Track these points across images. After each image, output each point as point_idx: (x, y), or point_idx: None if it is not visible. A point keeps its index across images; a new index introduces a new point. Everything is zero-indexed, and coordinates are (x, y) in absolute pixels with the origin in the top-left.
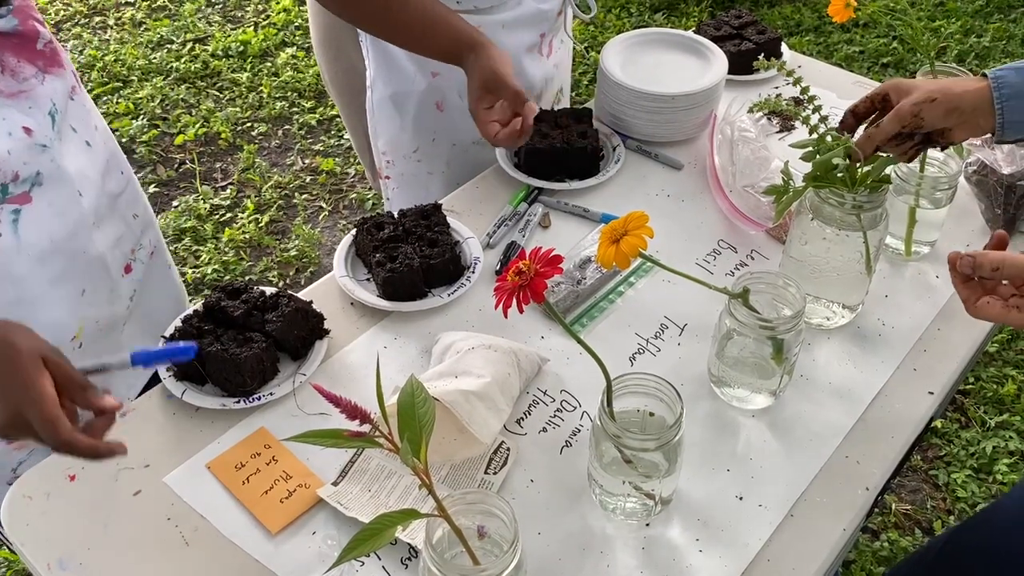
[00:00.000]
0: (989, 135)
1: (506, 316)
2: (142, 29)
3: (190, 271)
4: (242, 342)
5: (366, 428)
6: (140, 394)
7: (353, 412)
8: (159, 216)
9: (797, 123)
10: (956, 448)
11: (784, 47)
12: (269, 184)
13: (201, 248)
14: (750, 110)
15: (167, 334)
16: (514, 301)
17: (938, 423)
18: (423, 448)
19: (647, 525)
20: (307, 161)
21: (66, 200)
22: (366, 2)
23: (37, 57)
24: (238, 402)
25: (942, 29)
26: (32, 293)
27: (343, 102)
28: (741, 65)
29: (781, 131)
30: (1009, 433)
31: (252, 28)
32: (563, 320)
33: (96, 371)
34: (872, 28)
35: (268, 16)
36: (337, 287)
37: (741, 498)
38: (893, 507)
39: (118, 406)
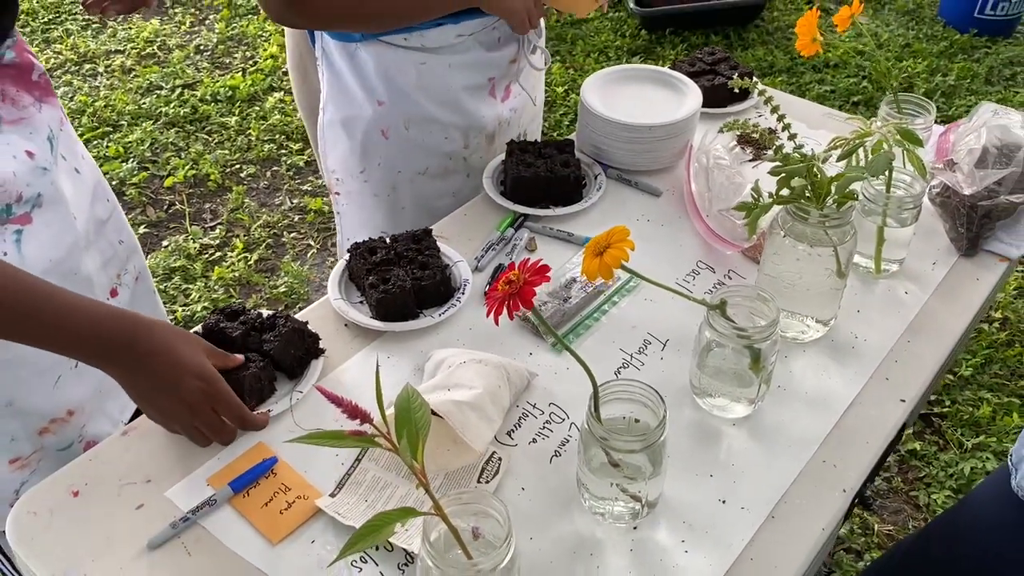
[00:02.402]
0: (950, 160)
1: (497, 323)
2: (132, 76)
3: (180, 309)
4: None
5: (366, 428)
6: (136, 414)
7: (354, 412)
8: (149, 256)
9: (769, 151)
10: (935, 469)
11: (755, 92)
12: (258, 223)
13: (191, 286)
14: (720, 130)
15: None
16: (505, 310)
17: (917, 445)
18: (420, 449)
19: (635, 528)
20: (295, 201)
21: (62, 222)
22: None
23: (33, 87)
24: None
25: (909, 68)
26: None
27: (310, 123)
28: (715, 99)
29: (754, 159)
30: (986, 454)
31: (240, 74)
32: (550, 326)
33: (206, 504)
34: (842, 68)
35: (256, 62)
36: (332, 310)
37: (724, 501)
38: (875, 528)
39: (242, 359)
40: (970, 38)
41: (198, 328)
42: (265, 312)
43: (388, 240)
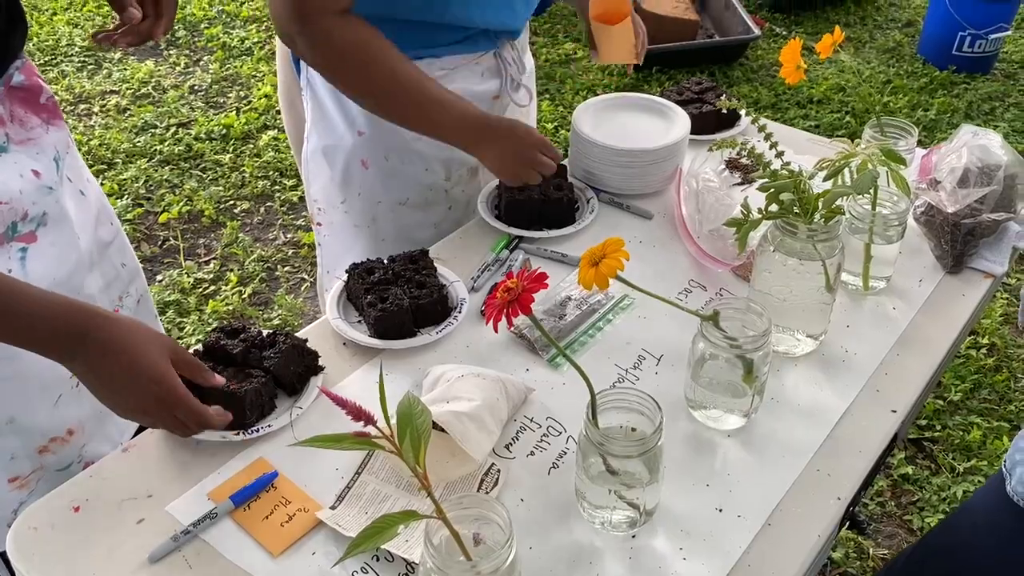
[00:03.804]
0: (932, 179)
1: (496, 330)
2: (126, 115)
3: None
4: (242, 378)
5: (370, 430)
6: (139, 431)
7: (358, 414)
8: None
9: (758, 170)
10: (928, 494)
11: (742, 112)
12: (252, 258)
13: (185, 320)
14: (710, 149)
15: None
16: (504, 317)
17: (909, 470)
18: (422, 452)
19: (633, 536)
20: (289, 235)
21: (66, 241)
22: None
23: (41, 110)
24: (237, 434)
25: (891, 103)
26: None
27: (298, 152)
28: (703, 126)
29: (742, 183)
30: (977, 478)
31: (234, 113)
32: (547, 334)
33: (207, 517)
34: (826, 104)
35: (250, 102)
36: (330, 329)
37: (721, 510)
38: (870, 552)
39: (224, 382)
40: (949, 74)
41: (198, 347)
42: (265, 331)
43: (386, 261)
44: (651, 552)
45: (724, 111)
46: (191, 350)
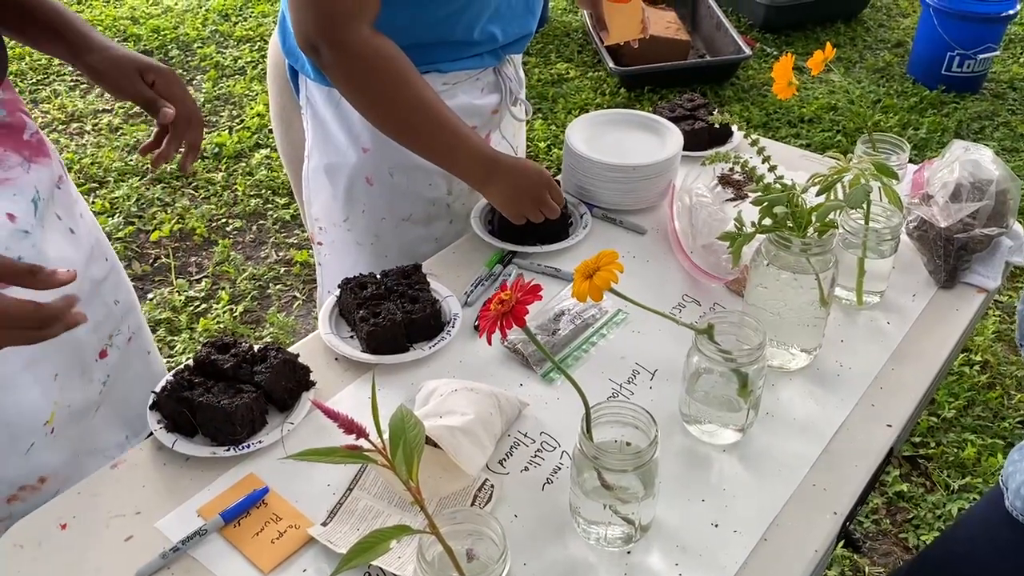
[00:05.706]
0: (925, 193)
1: (489, 343)
2: (118, 134)
3: (164, 360)
4: (233, 393)
5: (362, 442)
6: None
7: (350, 426)
8: None
9: (751, 184)
10: (923, 511)
11: (734, 127)
12: (243, 276)
13: (176, 338)
14: (703, 163)
15: (157, 389)
16: (498, 329)
17: (904, 487)
18: (415, 466)
19: (628, 552)
20: (281, 254)
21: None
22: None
23: (23, 147)
24: (228, 450)
25: (882, 123)
26: (7, 375)
27: (293, 172)
28: (695, 143)
29: (735, 199)
30: (972, 495)
31: (227, 132)
32: (542, 346)
33: (196, 534)
34: (816, 123)
35: (242, 120)
36: (322, 344)
37: (716, 525)
38: (866, 570)
39: (72, 277)
40: (939, 94)
41: (189, 362)
42: (256, 345)
43: (378, 276)
44: (646, 568)
45: (717, 126)
46: (181, 366)
